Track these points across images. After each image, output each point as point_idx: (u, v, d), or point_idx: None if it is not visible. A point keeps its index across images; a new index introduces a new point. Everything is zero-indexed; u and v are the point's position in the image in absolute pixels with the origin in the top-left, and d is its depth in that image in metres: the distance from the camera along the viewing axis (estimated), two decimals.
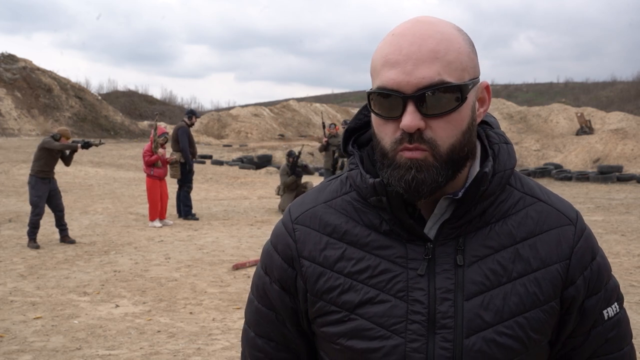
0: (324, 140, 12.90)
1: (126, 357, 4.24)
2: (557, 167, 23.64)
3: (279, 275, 1.07)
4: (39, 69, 37.32)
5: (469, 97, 0.95)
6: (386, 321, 0.97)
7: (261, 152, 29.68)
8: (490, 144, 1.04)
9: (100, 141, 9.52)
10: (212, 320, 5.12)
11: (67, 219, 9.07)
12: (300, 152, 12.41)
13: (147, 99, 63.97)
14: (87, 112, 37.04)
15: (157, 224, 10.02)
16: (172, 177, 10.57)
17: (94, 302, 5.59)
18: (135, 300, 5.69)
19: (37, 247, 7.98)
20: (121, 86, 77.92)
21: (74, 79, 60.55)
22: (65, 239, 8.37)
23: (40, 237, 8.41)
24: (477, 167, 1.01)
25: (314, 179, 15.84)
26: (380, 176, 0.99)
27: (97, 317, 5.14)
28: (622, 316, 1.06)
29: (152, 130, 10.19)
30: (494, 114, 38.39)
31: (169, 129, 21.23)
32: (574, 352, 1.05)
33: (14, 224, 9.86)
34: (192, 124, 10.88)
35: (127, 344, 4.50)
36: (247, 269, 6.95)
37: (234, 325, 4.98)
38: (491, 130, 1.07)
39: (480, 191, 0.98)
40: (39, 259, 7.38)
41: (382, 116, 0.95)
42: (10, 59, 36.60)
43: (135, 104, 59.07)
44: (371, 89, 0.96)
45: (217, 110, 63.42)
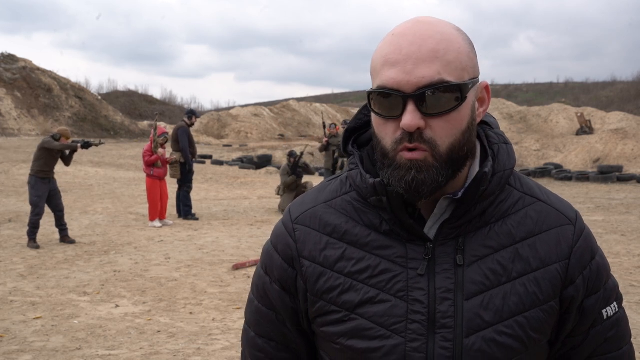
0: (325, 140, 12.91)
1: (126, 357, 4.24)
2: (557, 167, 23.63)
3: (279, 275, 1.07)
4: (39, 69, 37.33)
5: (469, 96, 0.95)
6: (386, 321, 0.97)
7: (261, 152, 29.69)
8: (489, 144, 1.04)
9: (100, 141, 9.52)
10: (212, 320, 5.12)
11: (67, 219, 9.07)
12: (303, 152, 12.42)
13: (147, 99, 63.97)
14: (87, 112, 37.05)
15: (157, 224, 10.02)
16: (172, 177, 10.57)
17: (94, 302, 5.60)
18: (135, 300, 5.69)
19: (37, 247, 7.98)
20: (121, 86, 78.03)
21: (74, 79, 60.63)
22: (65, 239, 8.37)
23: (40, 237, 8.41)
24: (476, 167, 1.01)
25: (314, 179, 15.84)
26: (380, 176, 0.99)
27: (97, 317, 5.15)
28: (621, 316, 1.07)
29: (152, 130, 10.19)
30: (494, 114, 38.39)
31: (169, 129, 21.26)
32: (574, 351, 1.06)
33: (14, 224, 9.87)
34: (192, 124, 10.88)
35: (127, 344, 4.50)
36: (247, 269, 6.95)
37: (234, 325, 4.98)
38: (491, 130, 1.07)
39: (480, 191, 0.98)
40: (39, 259, 7.38)
41: (383, 115, 0.95)
42: (10, 59, 36.61)
43: (135, 104, 59.07)
44: (371, 89, 0.97)
45: (217, 110, 63.45)
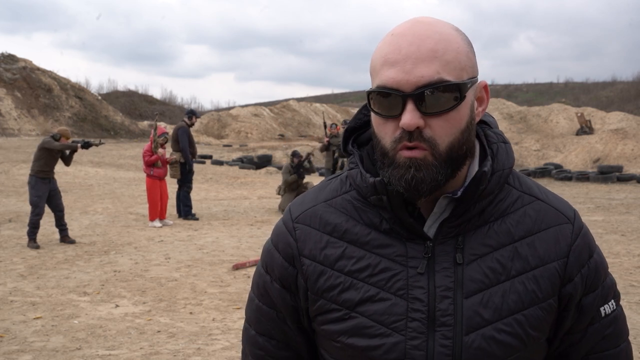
0: (326, 140, 12.94)
1: (126, 357, 4.24)
2: (557, 167, 23.63)
3: (279, 273, 1.08)
4: (39, 69, 37.33)
5: (468, 96, 0.96)
6: (386, 319, 0.98)
7: (261, 152, 29.68)
8: (488, 143, 1.05)
9: (100, 141, 9.53)
10: (212, 320, 5.13)
11: (67, 219, 9.07)
12: (310, 154, 12.47)
13: (147, 99, 63.94)
14: (87, 112, 37.05)
15: (157, 224, 10.02)
16: (172, 177, 10.58)
17: (94, 302, 5.60)
18: (135, 300, 5.70)
19: (37, 247, 7.98)
20: (121, 86, 78.01)
21: (74, 79, 60.60)
22: (65, 239, 8.38)
23: (40, 237, 8.41)
24: (476, 166, 1.02)
25: (314, 179, 15.85)
26: (380, 175, 0.99)
27: (97, 317, 5.15)
28: (618, 313, 1.07)
29: (152, 130, 10.20)
30: (494, 114, 38.40)
31: (169, 129, 21.24)
32: (572, 348, 1.06)
33: (14, 224, 9.87)
34: (192, 124, 10.89)
35: (127, 344, 4.51)
36: (247, 269, 6.95)
37: (234, 325, 4.99)
38: (489, 129, 1.08)
39: (479, 190, 0.98)
40: (39, 259, 7.38)
41: (382, 115, 0.96)
42: (10, 59, 36.61)
43: (135, 104, 59.05)
44: (371, 88, 0.97)
45: (217, 110, 63.43)
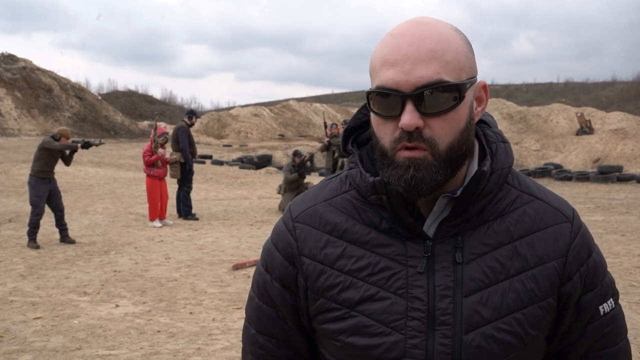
0: (326, 140, 12.95)
1: (126, 357, 4.25)
2: (557, 167, 23.61)
3: (279, 272, 1.08)
4: (39, 69, 37.32)
5: (467, 96, 0.96)
6: (386, 318, 0.98)
7: (261, 152, 29.67)
8: (488, 143, 1.05)
9: (100, 141, 9.53)
10: (212, 320, 5.13)
11: (67, 219, 9.07)
12: (313, 155, 12.50)
13: (147, 99, 63.92)
14: (87, 112, 37.05)
15: (157, 224, 10.03)
16: (172, 177, 10.58)
17: (94, 302, 5.60)
18: (135, 300, 5.70)
19: (37, 247, 7.98)
20: (121, 86, 77.95)
21: (74, 79, 60.55)
22: (65, 239, 8.38)
23: (40, 237, 8.42)
24: (475, 166, 1.02)
25: (314, 179, 15.85)
26: (380, 175, 1.00)
27: (97, 317, 5.15)
28: (617, 312, 1.08)
29: (152, 130, 10.20)
30: (494, 114, 38.38)
31: (169, 129, 21.24)
32: (571, 347, 1.07)
33: (14, 224, 9.87)
34: (192, 124, 10.89)
35: (127, 344, 4.51)
36: (247, 269, 6.95)
37: (234, 325, 4.99)
38: (489, 129, 1.08)
39: (478, 189, 0.99)
40: (39, 259, 7.39)
41: (382, 115, 0.96)
42: (10, 59, 36.60)
43: (135, 104, 59.04)
44: (370, 89, 0.98)
45: (217, 110, 63.41)
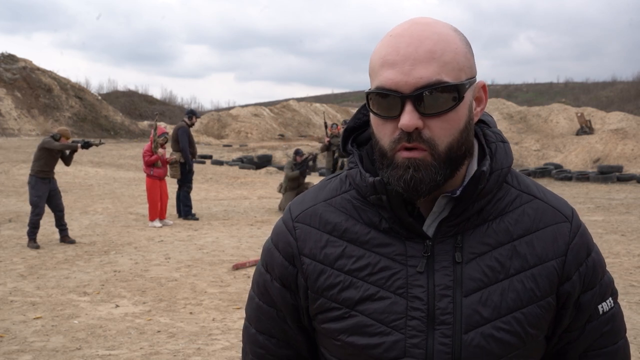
0: (326, 140, 12.96)
1: (126, 357, 4.25)
2: (557, 167, 23.61)
3: (279, 272, 1.08)
4: (39, 69, 37.32)
5: (466, 96, 0.96)
6: (386, 317, 0.98)
7: (261, 152, 29.68)
8: (487, 143, 1.05)
9: (100, 141, 9.53)
10: (212, 320, 5.13)
11: (67, 219, 9.08)
12: (315, 155, 12.51)
13: (147, 99, 63.93)
14: (87, 112, 37.05)
15: (157, 224, 10.03)
16: (172, 177, 10.58)
17: (94, 302, 5.60)
18: (135, 300, 5.70)
19: (37, 247, 7.99)
20: (121, 86, 78.00)
21: (74, 79, 60.58)
22: (65, 239, 8.38)
23: (40, 237, 8.42)
24: (474, 166, 1.03)
25: (314, 179, 15.85)
26: (379, 175, 1.00)
27: (97, 317, 5.15)
28: (616, 311, 1.08)
29: (152, 130, 10.20)
30: (494, 114, 38.39)
31: (169, 129, 21.25)
32: (570, 346, 1.07)
33: (14, 224, 9.87)
34: (192, 124, 10.90)
35: (127, 344, 4.51)
36: (247, 269, 6.95)
37: (234, 325, 4.99)
38: (488, 129, 1.08)
39: (478, 189, 0.99)
40: (39, 259, 7.39)
41: (381, 116, 0.96)
42: (10, 59, 36.60)
43: (135, 104, 59.04)
44: (370, 89, 0.98)
45: (217, 110, 63.43)
